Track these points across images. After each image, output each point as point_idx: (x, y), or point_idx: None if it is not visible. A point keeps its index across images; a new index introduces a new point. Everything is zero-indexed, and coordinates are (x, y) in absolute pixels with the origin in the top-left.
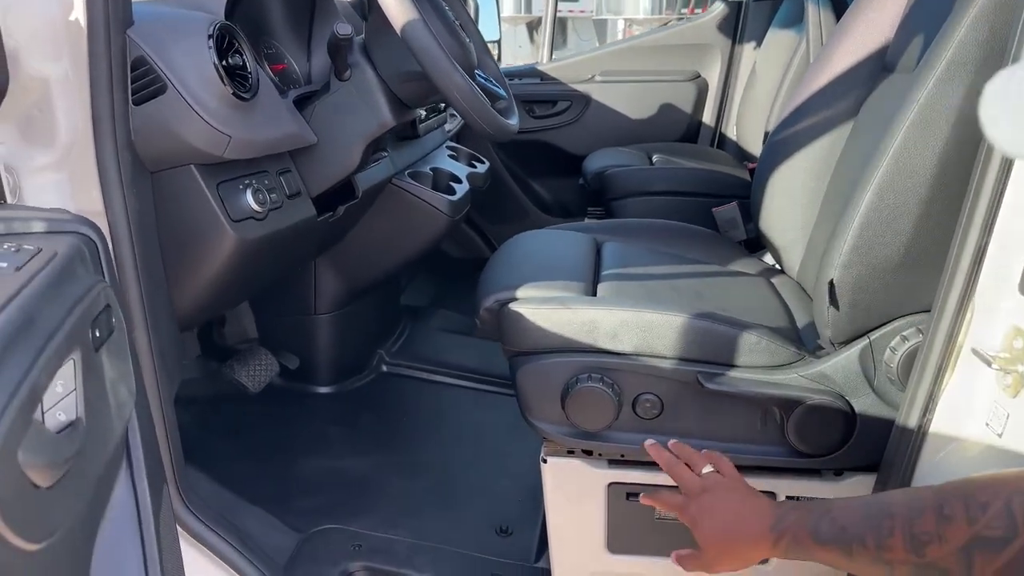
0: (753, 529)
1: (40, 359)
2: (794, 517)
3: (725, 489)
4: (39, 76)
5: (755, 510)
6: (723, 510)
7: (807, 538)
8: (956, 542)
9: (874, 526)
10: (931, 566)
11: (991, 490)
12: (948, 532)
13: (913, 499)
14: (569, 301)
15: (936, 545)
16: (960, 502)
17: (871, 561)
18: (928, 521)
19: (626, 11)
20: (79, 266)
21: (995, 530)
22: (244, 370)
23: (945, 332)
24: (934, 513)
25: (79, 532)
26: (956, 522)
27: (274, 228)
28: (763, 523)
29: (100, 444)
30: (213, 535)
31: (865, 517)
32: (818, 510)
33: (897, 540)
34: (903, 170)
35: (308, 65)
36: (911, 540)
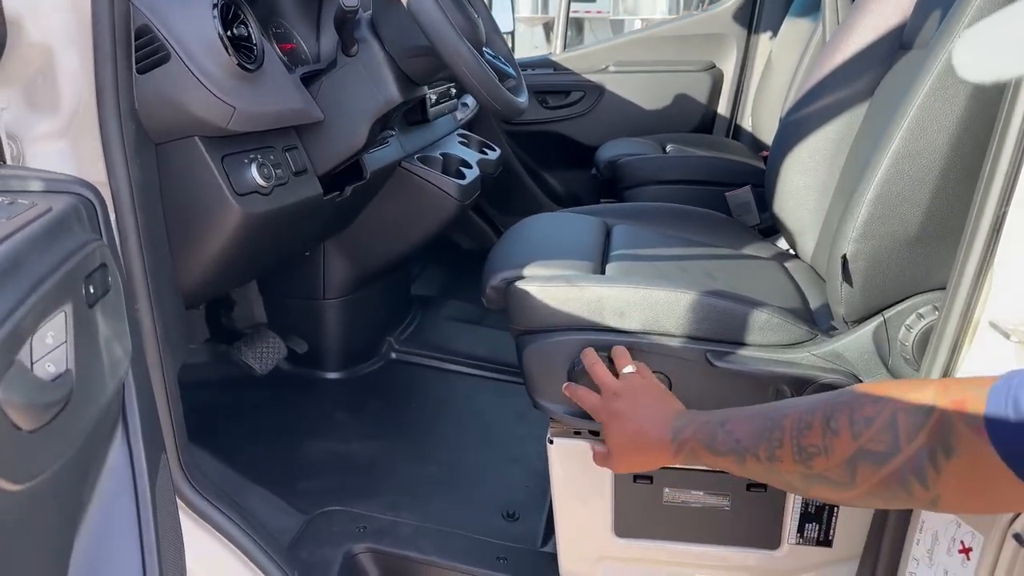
0: (653, 438)
1: (26, 302)
2: (692, 429)
3: (636, 395)
4: (42, 43)
5: (657, 420)
6: (629, 417)
7: (703, 449)
8: (841, 455)
9: (765, 438)
10: (819, 476)
11: (877, 405)
12: (834, 445)
13: (804, 412)
14: (576, 279)
15: (823, 457)
16: (846, 416)
17: (764, 471)
18: (815, 434)
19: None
20: (75, 223)
21: (878, 444)
22: (251, 352)
23: (962, 305)
24: (821, 427)
25: (67, 482)
26: (842, 436)
27: (279, 204)
28: (663, 433)
29: (91, 398)
30: (216, 512)
31: (758, 430)
32: (715, 421)
33: (786, 452)
34: (920, 140)
35: (317, 45)
36: (799, 452)
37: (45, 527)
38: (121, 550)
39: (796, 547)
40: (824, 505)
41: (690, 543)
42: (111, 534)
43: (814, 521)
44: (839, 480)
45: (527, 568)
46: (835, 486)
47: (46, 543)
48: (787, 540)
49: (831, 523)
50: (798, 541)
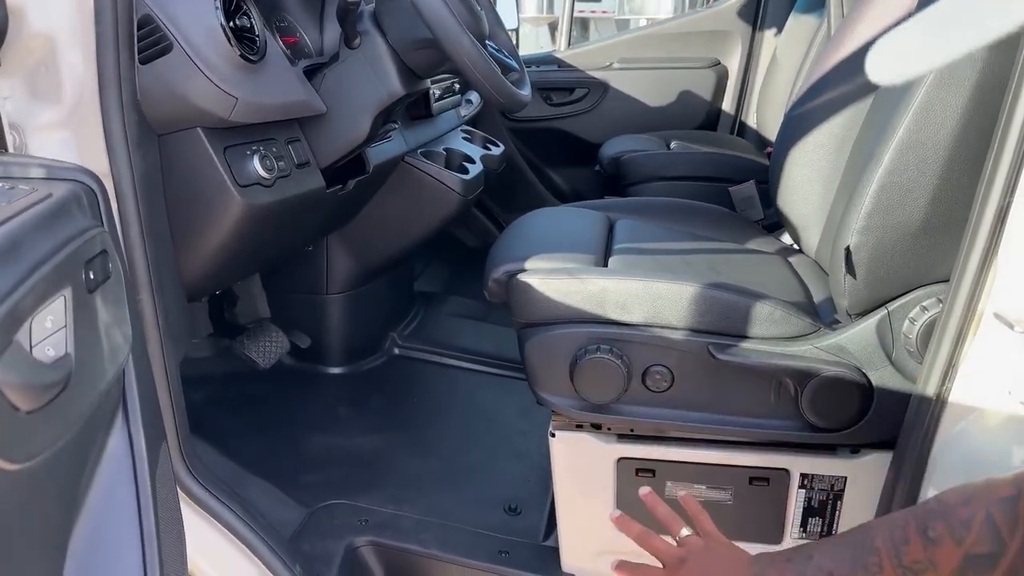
0: None
1: (25, 284)
2: (776, 571)
3: (703, 556)
4: (44, 33)
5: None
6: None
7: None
8: (949, 566)
9: (862, 566)
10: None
11: (970, 505)
12: (939, 557)
13: (894, 528)
14: (578, 271)
15: (931, 573)
16: (942, 523)
17: None
18: (916, 550)
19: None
20: (75, 209)
21: (983, 546)
22: (254, 346)
23: (966, 295)
24: (920, 539)
25: (66, 465)
26: (944, 545)
27: (281, 196)
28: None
29: (90, 383)
30: (218, 502)
31: (850, 558)
32: (799, 559)
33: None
34: (924, 131)
35: (320, 38)
36: (904, 572)
37: (44, 509)
38: (120, 536)
39: (799, 541)
40: (827, 499)
41: None
42: (110, 520)
43: (817, 515)
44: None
45: (529, 562)
46: None
47: (45, 525)
48: (790, 534)
49: (834, 517)
50: (801, 535)
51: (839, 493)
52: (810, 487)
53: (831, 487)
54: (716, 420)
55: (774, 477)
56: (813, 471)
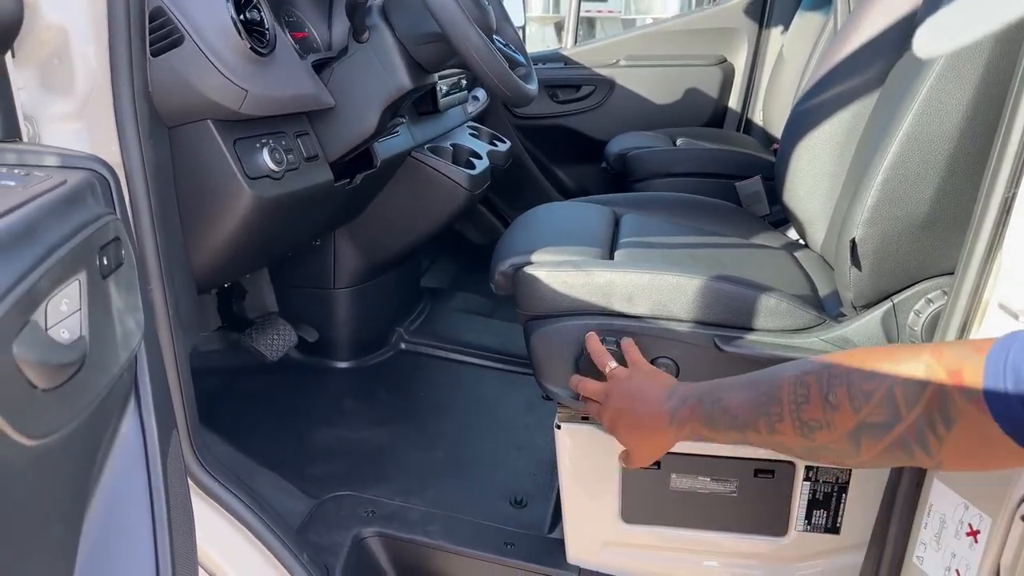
0: (650, 426)
1: (41, 266)
2: (688, 409)
3: (625, 387)
4: (57, 25)
5: (649, 407)
6: (625, 413)
7: (703, 428)
8: (843, 429)
9: (764, 412)
10: (823, 447)
11: (874, 380)
12: (836, 420)
13: (799, 385)
14: (584, 264)
15: (825, 431)
16: (844, 390)
17: (765, 442)
18: (815, 409)
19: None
20: (89, 196)
21: (878, 416)
22: (262, 339)
23: (971, 287)
24: (820, 401)
25: (80, 445)
26: (842, 411)
27: (290, 189)
28: (660, 420)
29: (103, 366)
30: (227, 492)
31: (754, 403)
32: (709, 400)
33: (787, 425)
34: (929, 123)
35: (328, 33)
36: (801, 427)
37: (59, 487)
38: (133, 518)
39: (804, 534)
40: (832, 492)
41: (697, 529)
42: (123, 502)
43: (822, 508)
44: (843, 450)
45: (534, 553)
46: (840, 455)
47: (60, 502)
48: (795, 527)
49: (839, 510)
50: (806, 528)
51: (844, 486)
52: (815, 480)
53: (836, 480)
54: None
55: (779, 469)
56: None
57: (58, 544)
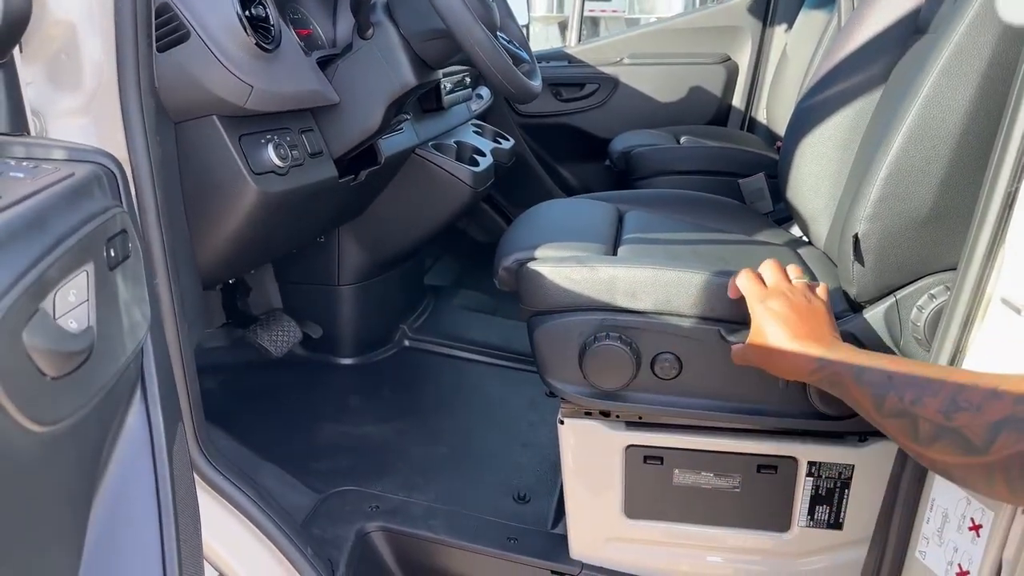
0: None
1: (50, 255)
2: (847, 350)
3: (804, 292)
4: (65, 20)
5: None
6: (793, 307)
7: (848, 376)
8: (990, 416)
9: (921, 385)
10: (955, 431)
11: None
12: (988, 405)
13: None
14: (588, 260)
15: (969, 413)
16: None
17: (897, 412)
18: (976, 393)
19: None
20: (96, 189)
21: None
22: (267, 335)
23: (973, 281)
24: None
25: (88, 434)
26: (1003, 399)
27: (295, 185)
28: (822, 335)
29: (111, 356)
30: (231, 486)
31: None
32: (870, 359)
33: (937, 401)
34: (932, 118)
35: (333, 31)
36: (949, 404)
37: (67, 474)
38: (139, 510)
39: (806, 530)
40: (835, 487)
41: (700, 525)
42: (129, 492)
43: (825, 503)
44: (974, 442)
45: (537, 549)
46: (965, 447)
47: (68, 490)
48: (797, 523)
49: (841, 506)
50: (808, 524)
51: (847, 481)
52: (818, 475)
53: (839, 475)
54: (724, 408)
55: (782, 465)
56: (821, 459)
57: (65, 532)
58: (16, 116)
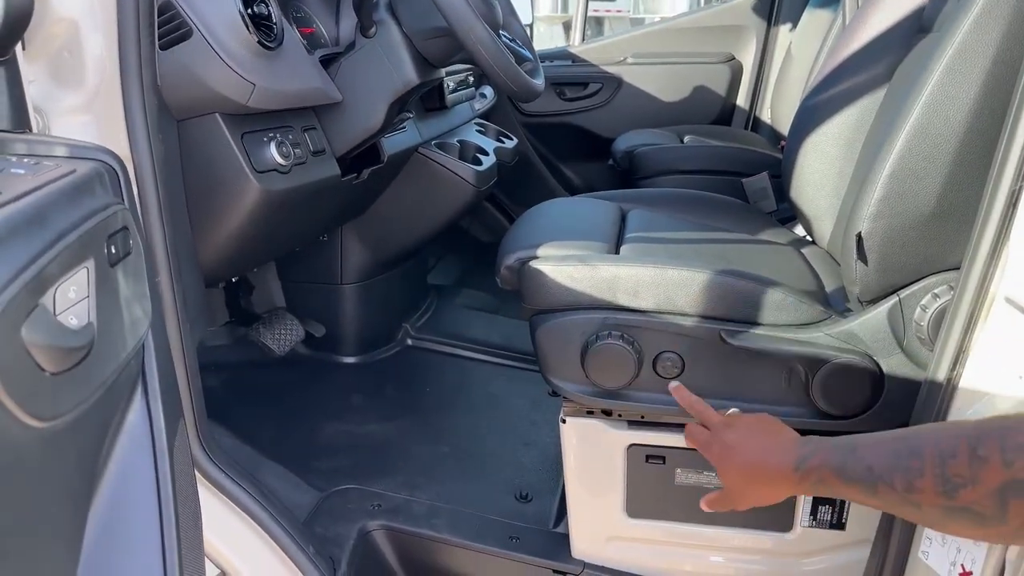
0: (776, 467)
1: (50, 251)
2: (820, 457)
3: (749, 425)
4: (67, 18)
5: (778, 449)
6: (746, 447)
7: (832, 477)
8: (990, 485)
9: (903, 467)
10: (963, 509)
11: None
12: (982, 475)
13: (944, 438)
14: (590, 258)
15: (969, 488)
16: (996, 443)
17: (898, 502)
18: (961, 464)
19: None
20: (98, 186)
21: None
22: (270, 333)
23: (977, 281)
24: (967, 455)
25: (88, 431)
26: (991, 464)
27: (297, 183)
28: (787, 461)
29: (111, 352)
30: (233, 484)
31: (894, 457)
32: (844, 448)
33: (927, 482)
34: (936, 117)
35: (336, 29)
36: (943, 483)
37: (66, 470)
38: (139, 507)
39: (809, 530)
40: None
41: (702, 525)
42: (130, 490)
43: (827, 504)
44: (988, 513)
45: (539, 547)
46: (982, 520)
47: (67, 486)
48: (800, 523)
49: (844, 506)
50: (811, 524)
51: None
52: None
53: None
54: (726, 406)
55: None
56: None
57: (65, 528)
58: (18, 113)
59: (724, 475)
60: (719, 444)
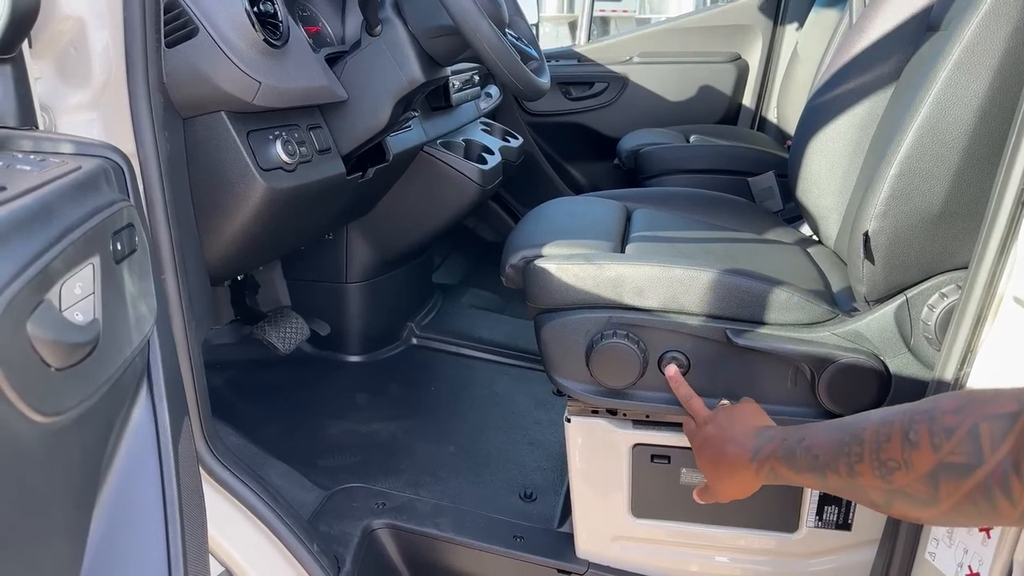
0: (734, 459)
1: (56, 246)
2: (772, 447)
3: (723, 420)
4: (74, 16)
5: (737, 440)
6: (714, 440)
7: (783, 468)
8: (921, 469)
9: (844, 453)
10: (900, 492)
11: (959, 415)
12: (913, 458)
13: (882, 423)
14: (595, 257)
15: (903, 472)
16: (925, 427)
17: (845, 487)
18: (895, 448)
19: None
20: (103, 182)
21: (959, 456)
22: (275, 331)
23: (985, 280)
24: (900, 439)
25: (92, 427)
26: (921, 448)
27: (303, 181)
28: (743, 452)
29: (116, 349)
30: (237, 482)
31: (837, 444)
32: (793, 438)
33: (866, 467)
34: (944, 116)
35: (342, 28)
36: (879, 467)
37: (71, 466)
38: (144, 504)
39: (815, 530)
40: None
41: (707, 525)
42: (135, 488)
43: (833, 504)
44: (921, 497)
45: (543, 547)
46: (917, 503)
47: (72, 483)
48: (806, 523)
49: (850, 506)
50: (817, 524)
51: None
52: None
53: None
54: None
55: None
56: None
57: (69, 524)
58: (25, 111)
59: (701, 468)
60: (699, 437)
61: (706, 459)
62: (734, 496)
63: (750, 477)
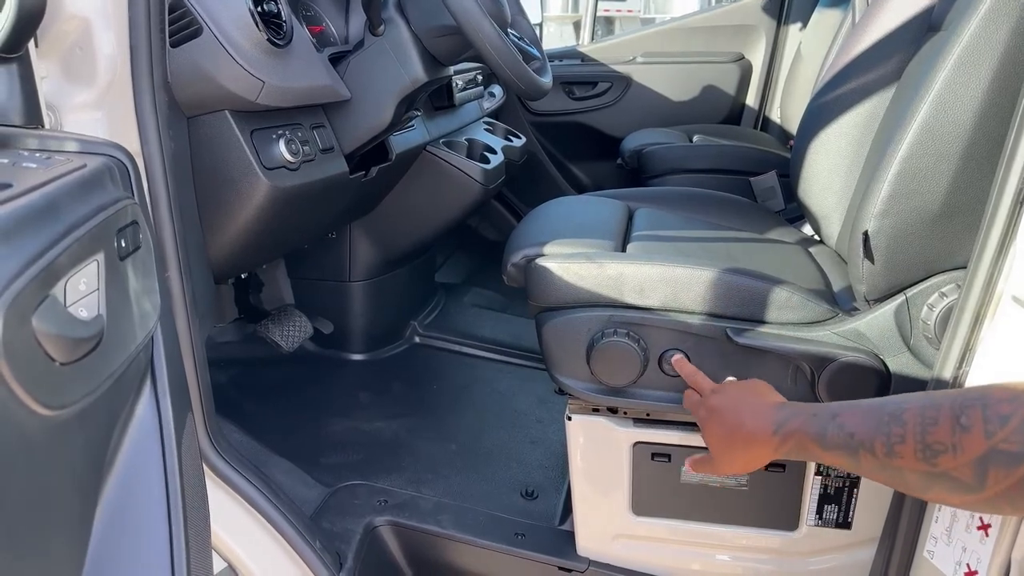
0: (752, 431)
1: (61, 243)
2: (799, 421)
3: (735, 391)
4: (79, 15)
5: (756, 412)
6: (728, 411)
7: (811, 443)
8: (971, 454)
9: (884, 433)
10: (943, 475)
11: (1014, 403)
12: (964, 443)
13: (928, 406)
14: (596, 256)
15: (950, 455)
16: (979, 412)
17: (879, 467)
18: (943, 431)
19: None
20: (108, 180)
21: (1013, 445)
22: (278, 329)
23: (984, 278)
24: (950, 423)
25: (96, 422)
26: (973, 433)
27: (306, 180)
28: (764, 425)
29: (120, 345)
30: (241, 478)
31: (875, 423)
32: (824, 414)
33: (908, 448)
34: (943, 115)
35: (345, 28)
36: (923, 449)
37: (75, 460)
38: (147, 499)
39: (815, 529)
40: (844, 486)
41: (707, 523)
42: (138, 483)
43: (833, 503)
44: (966, 481)
45: (544, 545)
46: (960, 488)
47: (76, 476)
48: (806, 522)
49: (850, 505)
50: (817, 523)
51: (855, 480)
52: (826, 474)
53: (847, 474)
54: None
55: (790, 463)
56: None
57: (73, 518)
58: (31, 109)
59: (707, 438)
60: (705, 408)
61: (715, 430)
62: (738, 471)
63: (769, 451)
